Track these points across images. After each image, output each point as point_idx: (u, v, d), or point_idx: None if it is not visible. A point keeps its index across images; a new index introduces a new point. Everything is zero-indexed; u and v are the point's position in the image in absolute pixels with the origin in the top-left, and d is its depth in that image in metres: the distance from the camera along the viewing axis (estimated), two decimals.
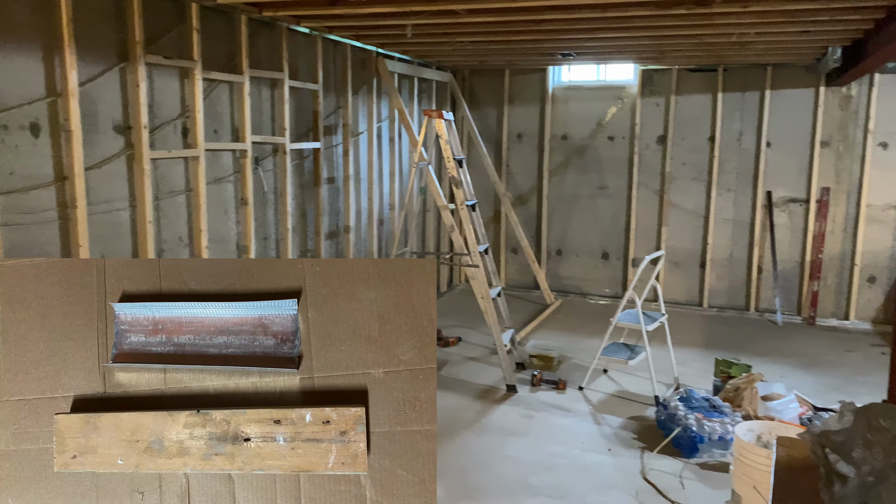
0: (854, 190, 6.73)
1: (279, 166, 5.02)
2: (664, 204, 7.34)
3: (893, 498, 1.35)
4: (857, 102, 6.62)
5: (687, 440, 3.98)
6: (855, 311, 6.85)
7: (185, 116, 4.13)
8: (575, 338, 6.25)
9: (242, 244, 4.67)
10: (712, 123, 7.06)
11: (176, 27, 4.01)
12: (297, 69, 5.15)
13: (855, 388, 5.08)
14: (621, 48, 5.98)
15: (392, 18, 4.62)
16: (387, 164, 6.67)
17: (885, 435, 1.40)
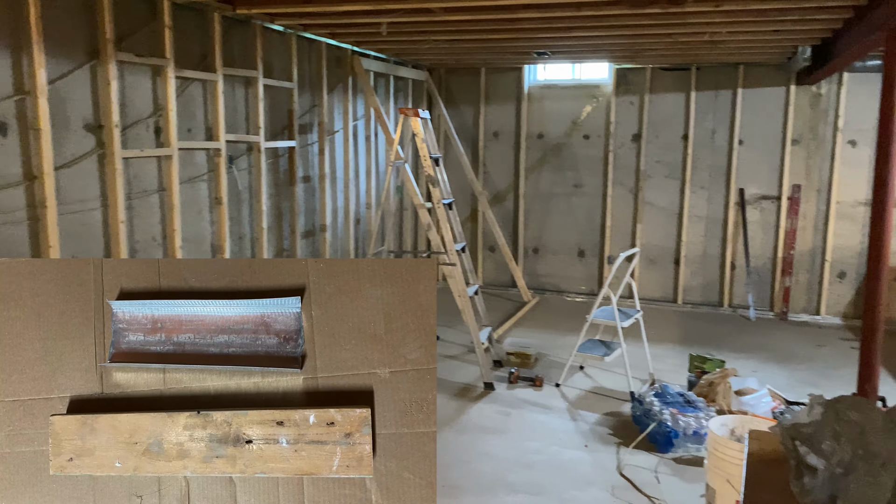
0: (824, 187, 6.84)
1: (254, 165, 4.99)
2: (639, 202, 7.40)
3: (861, 488, 1.38)
4: (827, 101, 6.73)
5: (662, 435, 4.02)
6: (826, 307, 6.96)
7: (158, 115, 4.08)
8: (552, 335, 6.28)
9: (217, 244, 4.63)
10: (686, 122, 7.13)
11: (148, 24, 3.96)
12: (271, 67, 5.11)
13: (826, 382, 5.17)
14: (596, 47, 6.02)
15: (367, 16, 4.61)
16: (363, 162, 6.65)
17: (852, 427, 1.43)
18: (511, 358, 5.54)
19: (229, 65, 4.62)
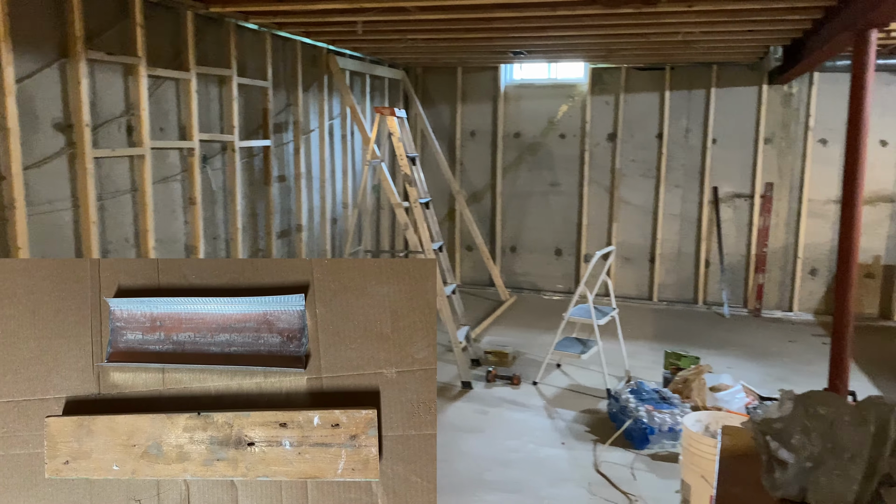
0: (796, 185, 6.95)
1: (228, 165, 4.94)
2: (614, 200, 7.46)
3: (830, 481, 1.39)
4: (798, 100, 6.83)
5: (638, 432, 4.06)
6: (798, 303, 7.07)
7: (130, 114, 4.03)
8: (529, 333, 6.30)
9: (191, 244, 4.58)
10: (660, 121, 7.19)
11: (119, 22, 3.91)
12: (245, 66, 5.07)
13: (799, 378, 5.24)
14: (571, 47, 6.05)
15: (342, 15, 4.59)
16: (339, 161, 6.62)
17: (822, 421, 1.44)
18: (489, 357, 5.55)
19: (203, 63, 4.57)
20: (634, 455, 4.01)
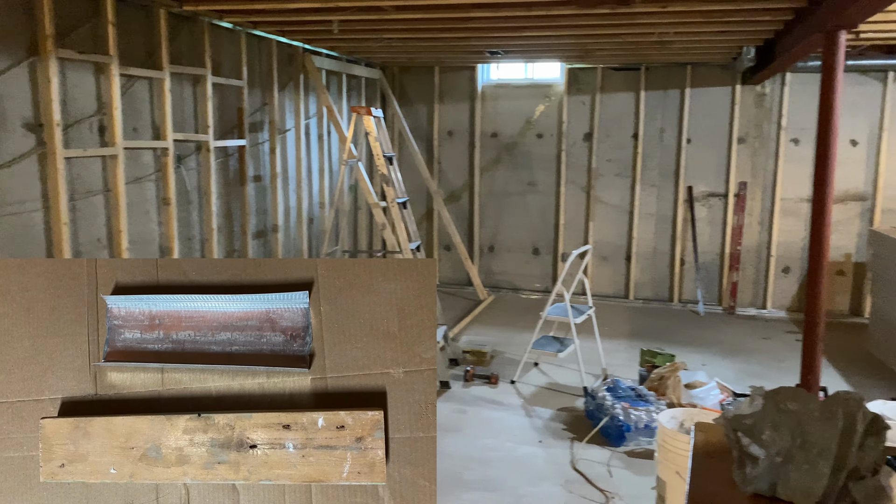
0: (769, 184, 7.04)
1: (203, 165, 4.90)
2: (591, 199, 7.50)
3: (800, 476, 1.42)
4: (771, 100, 6.92)
5: (614, 429, 4.09)
6: (772, 300, 7.17)
7: (102, 113, 3.98)
8: (507, 332, 6.32)
9: (165, 245, 4.53)
10: (636, 121, 7.25)
11: (90, 20, 3.85)
12: (220, 65, 5.02)
13: (772, 374, 5.32)
14: (547, 47, 6.07)
15: (317, 14, 4.57)
16: (316, 161, 6.59)
17: (791, 417, 1.47)
18: (467, 356, 5.56)
19: (176, 62, 4.52)
20: (611, 452, 4.04)
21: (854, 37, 5.45)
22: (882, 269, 5.76)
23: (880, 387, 4.99)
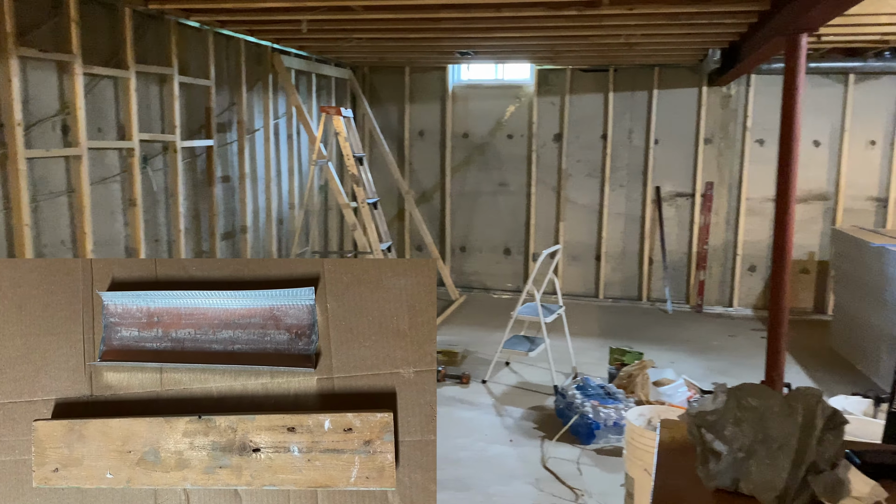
0: (735, 184, 7.15)
1: (170, 165, 4.83)
2: (561, 200, 7.56)
3: (761, 470, 1.44)
4: (736, 101, 7.03)
5: (584, 427, 4.12)
6: (738, 299, 7.28)
7: (66, 113, 3.91)
8: (479, 332, 6.34)
9: (132, 247, 4.47)
10: (604, 122, 7.32)
11: (52, 19, 3.78)
12: (187, 64, 4.96)
13: (739, 371, 5.40)
14: (517, 48, 6.11)
15: (286, 13, 4.54)
16: (285, 161, 6.54)
17: (753, 413, 1.49)
18: (438, 356, 5.56)
19: (142, 61, 4.46)
20: (580, 450, 4.08)
21: (816, 40, 5.57)
22: (844, 267, 5.89)
23: (842, 382, 5.11)
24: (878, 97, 6.72)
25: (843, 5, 3.33)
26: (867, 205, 6.92)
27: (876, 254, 5.16)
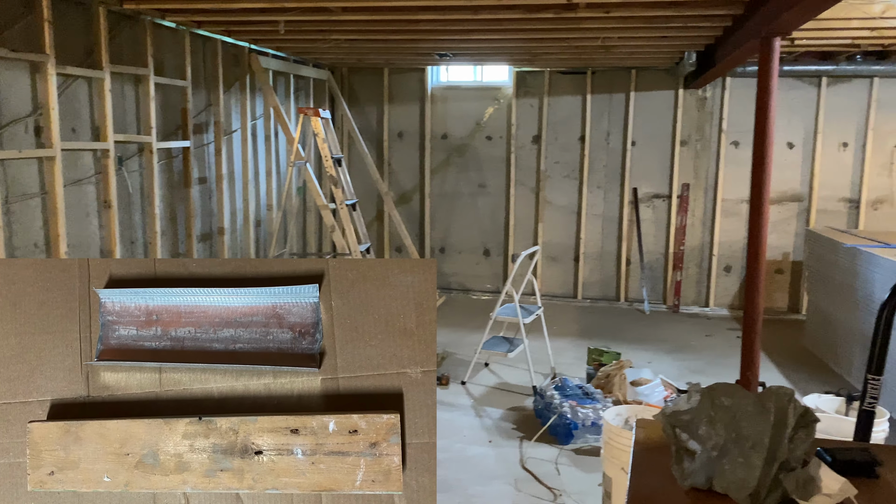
0: (711, 186, 7.23)
1: (146, 166, 4.79)
2: (540, 201, 7.59)
3: (734, 469, 1.46)
4: (712, 104, 7.11)
5: (562, 427, 4.14)
6: (714, 299, 7.36)
7: (38, 114, 3.85)
8: (458, 333, 6.35)
9: (107, 249, 4.42)
10: (582, 124, 7.36)
11: (24, 18, 3.73)
12: (163, 65, 4.92)
13: (715, 370, 5.46)
14: (495, 50, 6.13)
15: (263, 14, 4.52)
16: (263, 163, 6.50)
17: (726, 412, 1.51)
18: None
19: (117, 62, 4.41)
20: (559, 450, 4.09)
21: (789, 43, 5.65)
22: (817, 268, 5.98)
23: (816, 381, 5.18)
24: (850, 100, 6.83)
25: (815, 10, 3.38)
26: (840, 206, 7.04)
27: (848, 254, 5.24)
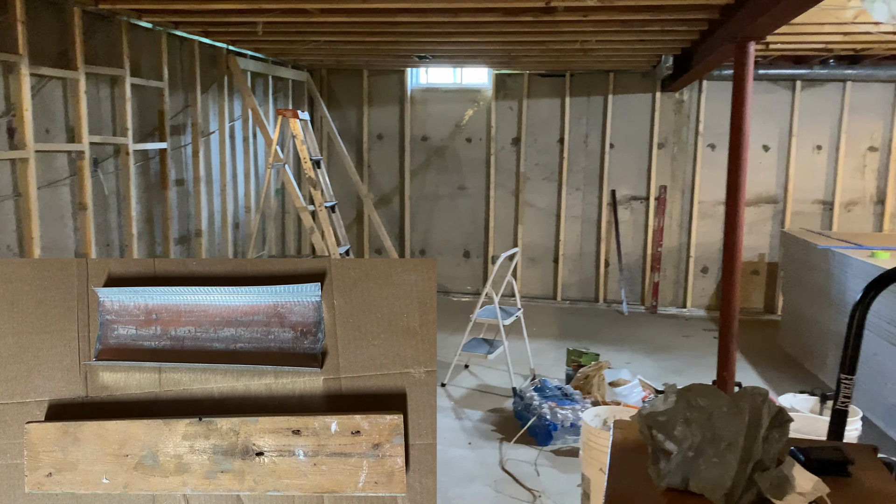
0: (688, 188, 7.31)
1: (122, 168, 4.73)
2: (520, 203, 7.62)
3: (710, 469, 1.48)
4: (689, 107, 7.19)
5: (542, 429, 4.16)
6: (691, 300, 7.43)
7: (11, 115, 3.80)
8: (438, 335, 6.28)
9: (82, 251, 4.36)
10: (561, 126, 7.40)
11: None
12: (140, 65, 4.87)
13: (692, 370, 5.52)
14: (475, 52, 6.14)
15: (241, 15, 4.49)
16: (241, 164, 6.46)
17: (701, 413, 1.53)
18: None
19: (92, 62, 4.36)
20: (538, 451, 4.11)
21: (764, 47, 5.73)
22: (792, 269, 6.06)
23: (791, 380, 5.25)
24: (824, 103, 6.93)
25: (789, 15, 3.43)
26: (814, 208, 7.14)
27: (822, 255, 5.32)
